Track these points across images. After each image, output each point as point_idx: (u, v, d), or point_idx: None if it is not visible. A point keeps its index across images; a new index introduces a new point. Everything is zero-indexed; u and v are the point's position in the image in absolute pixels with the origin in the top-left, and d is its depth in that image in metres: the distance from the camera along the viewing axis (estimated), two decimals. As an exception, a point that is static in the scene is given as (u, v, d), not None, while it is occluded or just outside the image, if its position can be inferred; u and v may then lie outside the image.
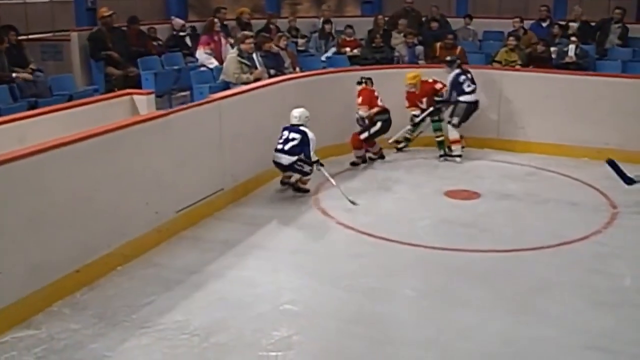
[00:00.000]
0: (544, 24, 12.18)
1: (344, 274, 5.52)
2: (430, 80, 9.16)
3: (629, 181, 7.33)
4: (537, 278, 5.50)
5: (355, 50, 11.81)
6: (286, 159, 7.25)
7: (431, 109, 9.04)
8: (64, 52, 9.82)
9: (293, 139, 7.23)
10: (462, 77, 9.05)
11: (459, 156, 9.10)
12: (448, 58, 9.49)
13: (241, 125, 7.40)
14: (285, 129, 7.46)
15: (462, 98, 9.03)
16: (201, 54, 10.27)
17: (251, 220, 6.77)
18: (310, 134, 7.31)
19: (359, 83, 8.75)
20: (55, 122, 6.38)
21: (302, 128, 7.36)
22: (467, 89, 9.05)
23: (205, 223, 6.66)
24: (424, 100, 9.07)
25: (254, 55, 8.76)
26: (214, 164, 7.04)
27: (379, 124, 8.65)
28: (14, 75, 8.05)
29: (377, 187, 8.00)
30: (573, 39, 10.85)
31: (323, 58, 11.52)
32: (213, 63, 9.82)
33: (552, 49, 11.09)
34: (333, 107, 8.83)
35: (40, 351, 4.33)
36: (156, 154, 6.09)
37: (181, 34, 11.27)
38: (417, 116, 9.14)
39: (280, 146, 7.27)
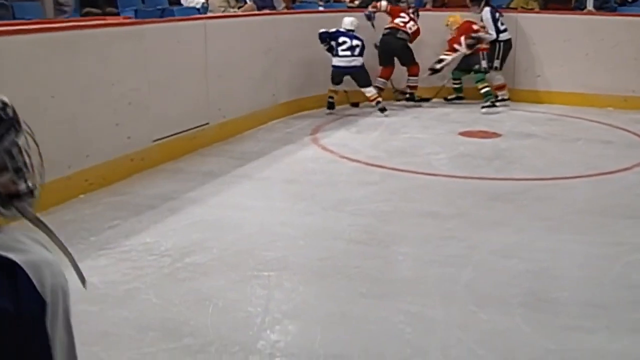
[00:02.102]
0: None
1: (350, 199, 4.61)
2: (472, 20, 8.16)
3: None
4: (581, 202, 4.62)
5: (356, 1, 10.85)
6: (358, 61, 7.34)
7: (459, 52, 8.01)
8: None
9: (357, 45, 7.36)
10: (497, 14, 8.16)
11: (508, 99, 8.19)
12: None
13: (230, 55, 6.49)
14: (340, 34, 7.39)
15: (500, 37, 8.11)
16: (185, -5, 9.34)
17: (241, 156, 5.86)
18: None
19: None
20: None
21: (357, 35, 7.41)
22: (502, 27, 8.15)
23: (186, 158, 5.73)
24: (462, 40, 7.97)
25: (242, -11, 7.86)
26: (199, 93, 6.11)
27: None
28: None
29: (382, 129, 7.07)
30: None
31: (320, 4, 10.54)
32: (199, 3, 8.88)
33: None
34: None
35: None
36: (128, 67, 5.17)
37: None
38: (441, 61, 8.07)
39: (348, 52, 7.32)
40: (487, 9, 8.16)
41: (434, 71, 8.05)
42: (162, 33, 5.60)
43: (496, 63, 8.13)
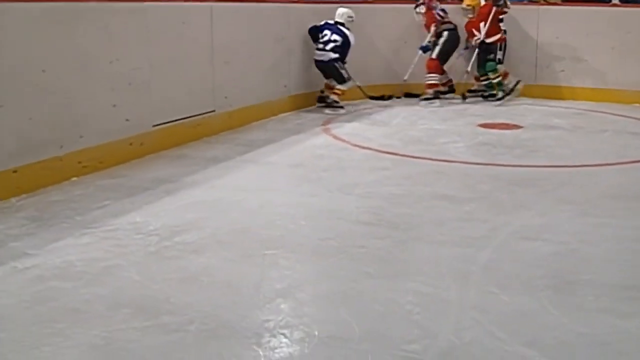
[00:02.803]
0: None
1: (359, 183, 4.29)
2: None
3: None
4: (609, 187, 4.26)
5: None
6: (327, 56, 7.00)
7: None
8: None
9: (335, 40, 7.04)
10: None
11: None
12: None
13: (238, 41, 6.21)
14: (327, 27, 7.14)
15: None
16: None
17: (248, 143, 5.56)
18: (351, 38, 7.11)
19: None
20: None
21: (343, 29, 7.11)
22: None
23: (190, 145, 5.43)
24: (481, 26, 7.70)
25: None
26: (204, 78, 5.82)
27: (445, 34, 7.79)
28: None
29: (398, 121, 6.74)
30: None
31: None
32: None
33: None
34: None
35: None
36: (129, 45, 4.89)
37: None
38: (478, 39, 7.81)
39: (321, 45, 7.06)
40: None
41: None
42: (165, 11, 5.32)
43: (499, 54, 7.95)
